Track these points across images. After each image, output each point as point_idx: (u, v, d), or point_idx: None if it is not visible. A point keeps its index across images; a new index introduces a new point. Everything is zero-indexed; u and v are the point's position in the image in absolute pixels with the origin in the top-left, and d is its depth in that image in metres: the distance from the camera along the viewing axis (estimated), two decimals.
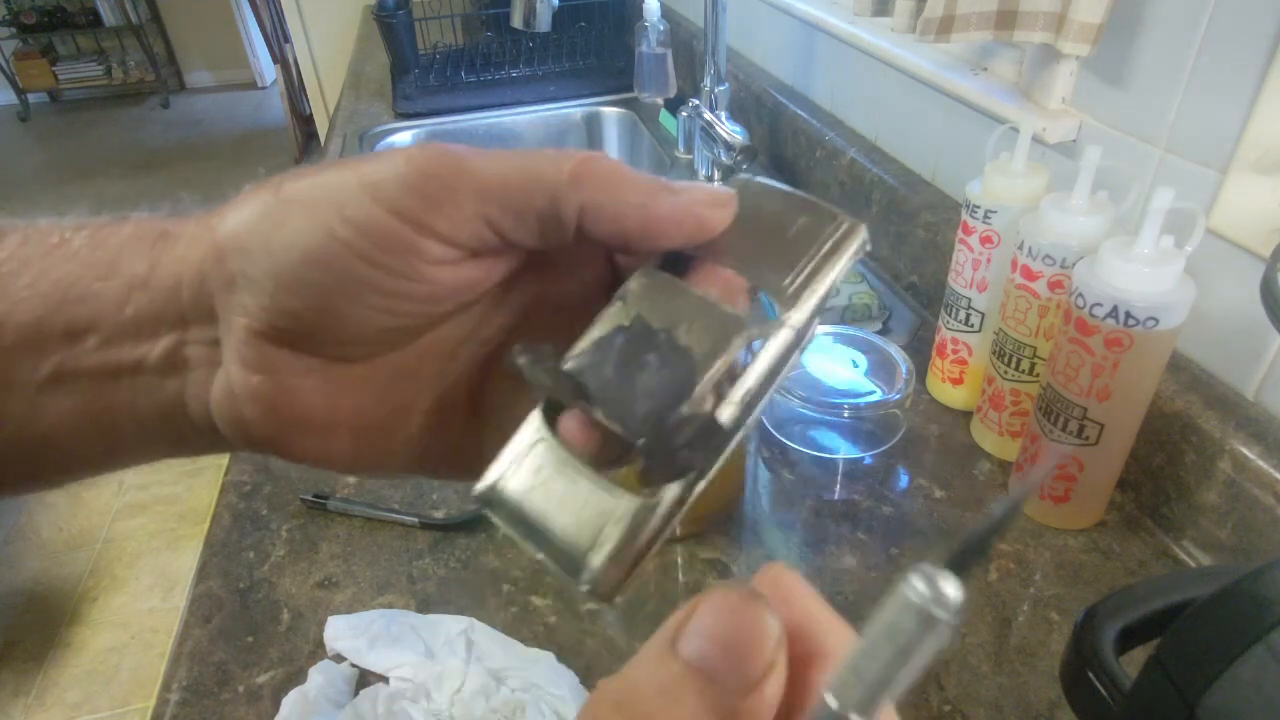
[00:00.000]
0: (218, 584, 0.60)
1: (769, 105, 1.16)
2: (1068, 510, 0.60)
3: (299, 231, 0.20)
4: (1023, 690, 0.50)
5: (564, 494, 0.20)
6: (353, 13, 2.34)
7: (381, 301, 0.21)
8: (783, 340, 0.20)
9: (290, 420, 0.22)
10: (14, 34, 4.61)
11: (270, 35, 3.68)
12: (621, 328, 0.21)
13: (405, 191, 0.20)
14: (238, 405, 0.21)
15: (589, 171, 0.20)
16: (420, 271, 0.21)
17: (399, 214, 0.20)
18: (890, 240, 0.90)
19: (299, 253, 0.20)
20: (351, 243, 0.20)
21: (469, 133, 1.43)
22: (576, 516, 0.20)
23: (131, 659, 1.75)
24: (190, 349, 0.22)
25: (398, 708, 0.49)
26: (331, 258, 0.20)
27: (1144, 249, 0.50)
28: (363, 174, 0.20)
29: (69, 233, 0.23)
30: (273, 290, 0.20)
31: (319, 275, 0.20)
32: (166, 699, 0.52)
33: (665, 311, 0.21)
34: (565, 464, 0.20)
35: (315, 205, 0.20)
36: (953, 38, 0.68)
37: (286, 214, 0.20)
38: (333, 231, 0.20)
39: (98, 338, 0.22)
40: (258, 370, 0.21)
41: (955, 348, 0.70)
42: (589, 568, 0.19)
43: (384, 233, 0.20)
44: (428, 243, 0.20)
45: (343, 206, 0.20)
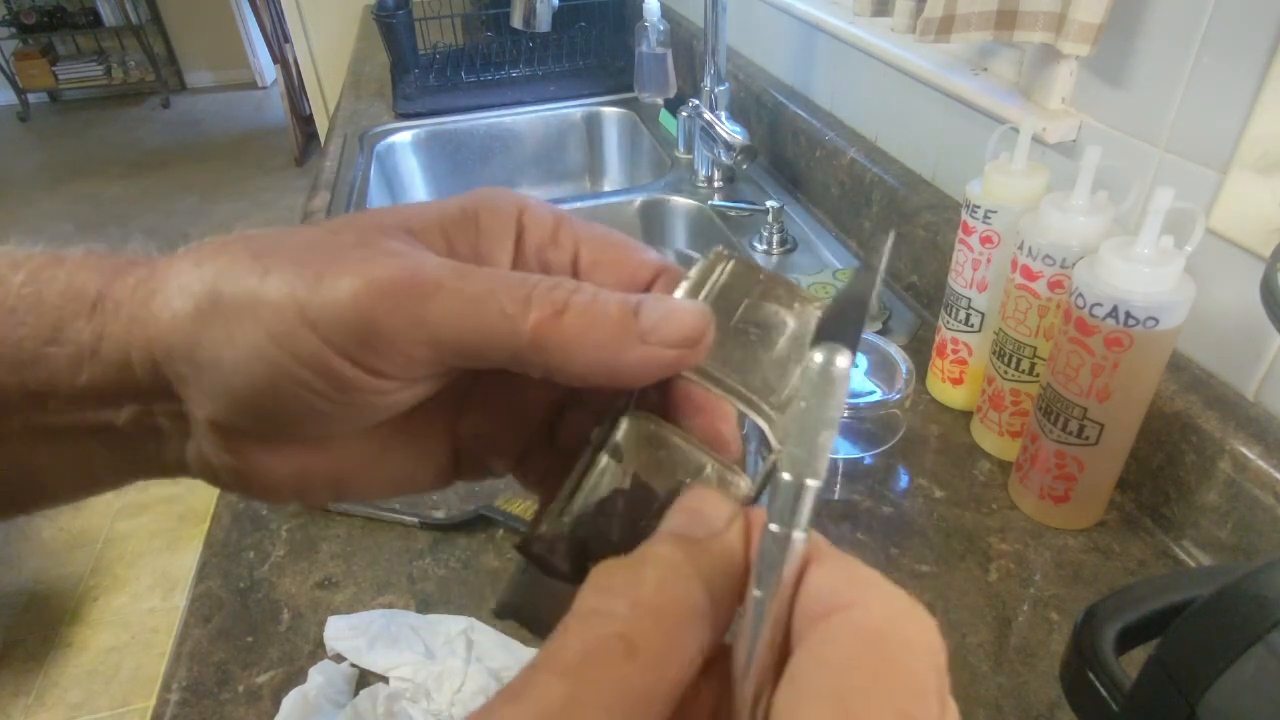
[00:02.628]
0: (218, 584, 0.60)
1: (769, 105, 1.16)
2: (1068, 510, 0.60)
3: (244, 360, 0.20)
4: (1023, 690, 0.50)
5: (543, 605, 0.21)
6: (353, 13, 2.34)
7: (334, 413, 0.21)
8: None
9: (264, 487, 0.22)
10: (14, 34, 4.60)
11: (270, 35, 3.68)
12: (621, 490, 0.21)
13: (349, 336, 0.19)
14: (214, 474, 0.22)
15: (549, 336, 0.19)
16: (370, 399, 0.20)
17: (345, 355, 0.19)
18: None
19: (245, 380, 0.20)
20: (298, 377, 0.19)
21: (469, 132, 1.43)
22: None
23: (132, 659, 1.75)
24: (159, 419, 0.22)
25: (398, 708, 0.49)
26: (279, 388, 0.20)
27: (1144, 249, 0.50)
28: (302, 298, 0.19)
29: (6, 272, 0.22)
30: (225, 406, 0.20)
31: (268, 402, 0.20)
32: (166, 699, 0.52)
33: (662, 469, 0.21)
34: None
35: (256, 332, 0.19)
36: (953, 38, 0.68)
37: (228, 333, 0.20)
38: (278, 365, 0.19)
39: (58, 401, 0.21)
40: (225, 451, 0.21)
41: (955, 348, 0.70)
42: None
43: (330, 372, 0.19)
44: (376, 381, 0.20)
45: (286, 340, 0.19)
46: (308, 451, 0.22)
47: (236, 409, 0.20)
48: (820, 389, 0.16)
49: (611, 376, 0.20)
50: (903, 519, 0.62)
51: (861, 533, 0.61)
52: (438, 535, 0.62)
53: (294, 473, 0.22)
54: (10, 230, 3.34)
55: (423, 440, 0.25)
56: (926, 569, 0.58)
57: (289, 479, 0.22)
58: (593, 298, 0.20)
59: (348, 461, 0.23)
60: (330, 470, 0.23)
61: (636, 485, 0.21)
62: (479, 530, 0.62)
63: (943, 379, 0.72)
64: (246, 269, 0.20)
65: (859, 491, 0.65)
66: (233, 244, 0.21)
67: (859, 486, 0.65)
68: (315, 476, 0.23)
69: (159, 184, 3.87)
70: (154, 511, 2.10)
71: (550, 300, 0.19)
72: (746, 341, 0.21)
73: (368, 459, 0.23)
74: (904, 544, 0.60)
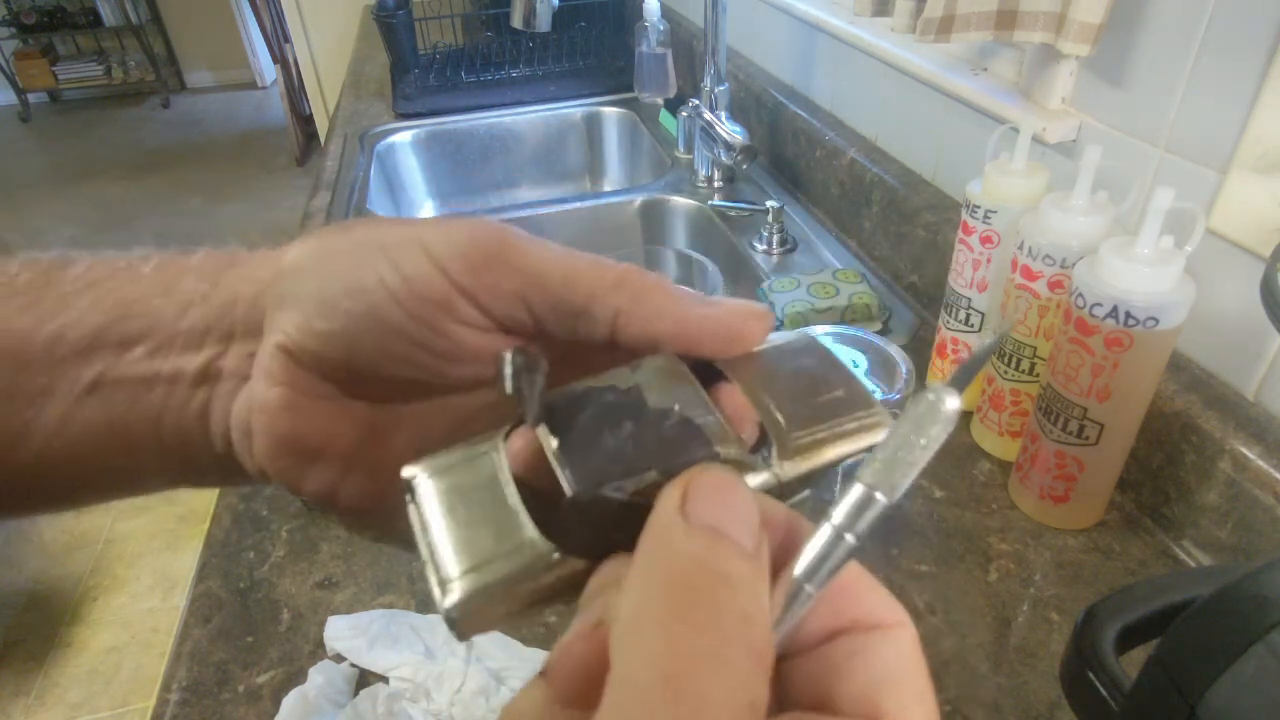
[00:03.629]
0: (218, 584, 0.60)
1: (769, 105, 1.16)
2: (1068, 510, 0.60)
3: (350, 266, 0.22)
4: (1023, 690, 0.50)
5: (477, 508, 0.19)
6: (353, 13, 2.34)
7: (403, 348, 0.22)
8: (760, 481, 0.20)
9: (284, 438, 0.22)
10: (14, 34, 4.60)
11: (270, 35, 3.68)
12: (616, 388, 0.21)
13: (456, 254, 0.21)
14: (250, 416, 0.22)
15: (630, 281, 0.21)
16: (446, 328, 0.22)
17: (445, 271, 0.21)
18: (890, 240, 0.90)
19: (342, 284, 0.22)
20: (393, 287, 0.21)
21: (469, 132, 1.43)
22: (473, 534, 0.19)
23: (132, 659, 1.75)
24: (228, 361, 0.23)
25: (398, 708, 0.49)
26: (370, 294, 0.21)
27: (1144, 249, 0.50)
28: (423, 232, 0.22)
29: (137, 260, 0.24)
30: (310, 312, 0.22)
31: (353, 306, 0.21)
32: (166, 699, 0.52)
33: (664, 395, 0.20)
34: (496, 481, 0.20)
35: (372, 249, 0.22)
36: (953, 38, 0.68)
37: (345, 249, 0.22)
38: (380, 274, 0.21)
39: (146, 347, 0.23)
40: (276, 382, 0.22)
41: (955, 348, 0.70)
42: (454, 590, 0.18)
43: (426, 283, 0.21)
44: (463, 303, 0.22)
45: (396, 256, 0.21)
46: (348, 408, 0.23)
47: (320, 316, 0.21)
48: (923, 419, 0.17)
49: (678, 334, 0.21)
50: (902, 519, 0.62)
51: None
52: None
53: (322, 430, 0.23)
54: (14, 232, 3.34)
55: None
56: (926, 569, 0.58)
57: (313, 436, 0.22)
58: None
59: (372, 445, 0.23)
60: (352, 446, 0.23)
61: (632, 390, 0.21)
62: None
63: (943, 379, 0.72)
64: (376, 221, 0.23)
65: None
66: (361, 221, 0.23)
67: None
68: (336, 445, 0.23)
69: (162, 185, 3.87)
70: (154, 511, 2.10)
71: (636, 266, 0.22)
72: (796, 384, 0.22)
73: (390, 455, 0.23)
74: (904, 544, 0.60)
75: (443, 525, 0.19)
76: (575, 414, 0.20)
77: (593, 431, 0.19)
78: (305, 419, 0.22)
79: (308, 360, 0.22)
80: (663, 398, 0.20)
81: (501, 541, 0.19)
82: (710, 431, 0.20)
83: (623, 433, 0.19)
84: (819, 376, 0.22)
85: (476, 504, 0.20)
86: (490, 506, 0.20)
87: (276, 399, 0.22)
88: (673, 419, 0.20)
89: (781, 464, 0.20)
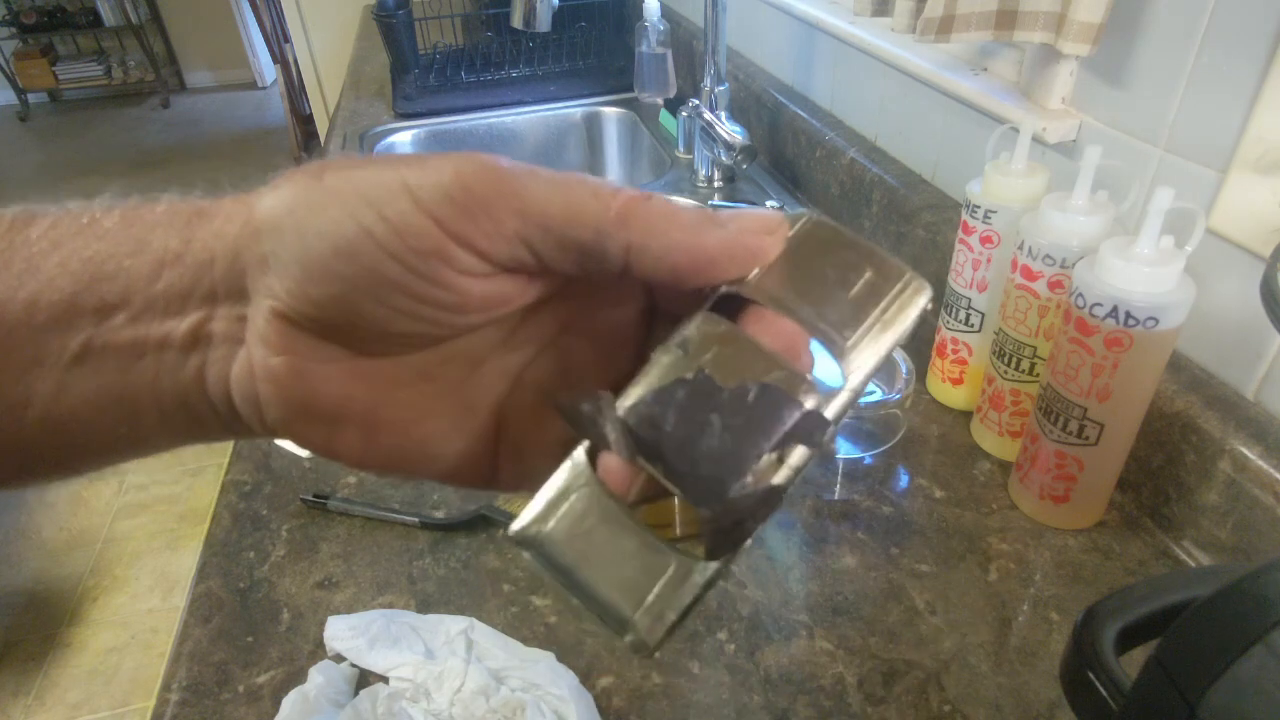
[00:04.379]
0: (218, 584, 0.60)
1: (769, 105, 1.16)
2: (1068, 510, 0.60)
3: (334, 221, 0.20)
4: (1023, 690, 0.50)
5: (609, 547, 0.20)
6: (353, 13, 2.34)
7: (405, 303, 0.20)
8: (841, 403, 0.20)
9: (301, 406, 0.21)
10: (14, 34, 4.60)
11: (270, 35, 3.68)
12: (683, 380, 0.20)
13: (445, 200, 0.20)
14: (255, 384, 0.21)
15: (636, 211, 0.20)
16: (449, 280, 0.20)
17: (437, 220, 0.20)
18: (890, 240, 0.90)
19: (329, 243, 0.20)
20: (384, 241, 0.20)
21: (469, 132, 1.43)
22: (623, 573, 0.19)
23: (131, 659, 1.75)
24: (216, 324, 0.22)
25: (398, 708, 0.49)
26: (361, 253, 0.20)
27: (1144, 249, 0.50)
28: (406, 175, 0.20)
29: (100, 213, 0.22)
30: (299, 276, 0.20)
31: (346, 268, 0.20)
32: (166, 699, 0.52)
33: (730, 367, 0.20)
34: (610, 514, 0.20)
35: (354, 198, 0.20)
36: (953, 38, 0.68)
37: (325, 202, 0.20)
38: (367, 227, 0.20)
39: (127, 313, 0.22)
40: (278, 352, 0.21)
41: (955, 348, 0.70)
42: (636, 627, 0.19)
43: (418, 235, 0.20)
44: (461, 252, 0.20)
45: (381, 204, 0.20)
46: (358, 368, 0.22)
47: (313, 282, 0.20)
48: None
49: (694, 263, 0.20)
50: (903, 519, 0.62)
51: (861, 532, 0.61)
52: (438, 535, 0.62)
53: (336, 395, 0.22)
54: None
55: (470, 398, 0.24)
56: (926, 569, 0.58)
57: (329, 403, 0.22)
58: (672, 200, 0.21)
59: (390, 401, 0.23)
60: (370, 405, 0.22)
61: (700, 378, 0.20)
62: (479, 530, 0.62)
63: (943, 379, 0.72)
64: (350, 163, 0.21)
65: (859, 491, 0.65)
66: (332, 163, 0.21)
67: (859, 486, 0.65)
68: (354, 406, 0.22)
69: (160, 184, 3.77)
70: (154, 511, 2.10)
71: (636, 191, 0.21)
72: (824, 281, 0.21)
73: (410, 406, 0.23)
74: (904, 544, 0.60)
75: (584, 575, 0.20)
76: (660, 428, 0.20)
77: (686, 441, 0.20)
78: (317, 384, 0.21)
79: (307, 324, 0.21)
80: (728, 372, 0.20)
81: (649, 570, 0.19)
82: (790, 386, 0.20)
83: (714, 429, 0.19)
84: (841, 263, 0.21)
85: (605, 543, 0.20)
86: (617, 541, 0.20)
87: (282, 367, 0.21)
88: (751, 392, 0.20)
89: (850, 377, 0.20)
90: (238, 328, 0.22)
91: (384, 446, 0.23)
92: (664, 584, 0.19)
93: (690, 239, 0.20)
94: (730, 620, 0.55)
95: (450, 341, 0.23)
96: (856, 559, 0.59)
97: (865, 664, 0.52)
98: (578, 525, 0.20)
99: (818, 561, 0.59)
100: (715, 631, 0.55)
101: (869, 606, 0.56)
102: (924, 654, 0.53)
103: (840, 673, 0.52)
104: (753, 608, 0.56)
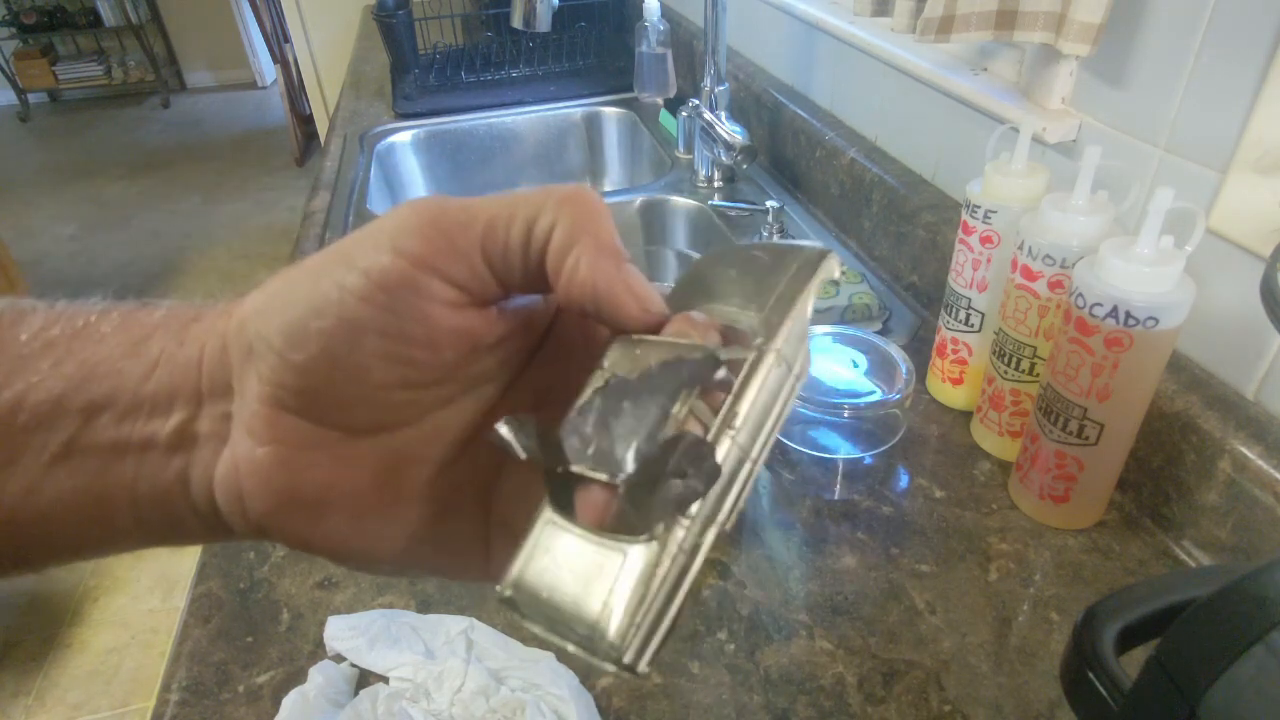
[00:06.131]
0: (218, 584, 0.60)
1: (769, 105, 1.16)
2: (1068, 510, 0.60)
3: (308, 288, 0.21)
4: (1023, 690, 0.50)
5: (571, 566, 0.19)
6: (353, 13, 2.34)
7: (383, 345, 0.21)
8: (768, 366, 0.20)
9: (286, 495, 0.21)
10: (14, 34, 4.61)
11: (270, 35, 3.68)
12: (598, 389, 0.21)
13: (404, 232, 0.21)
14: (239, 480, 0.21)
15: (572, 197, 0.21)
16: (420, 310, 0.21)
17: (399, 252, 0.20)
18: (890, 240, 0.90)
19: (307, 305, 0.20)
20: (355, 288, 0.20)
21: (469, 132, 1.43)
22: (584, 585, 0.19)
23: (132, 659, 1.75)
24: (202, 424, 0.22)
25: (398, 708, 0.49)
26: (334, 304, 0.20)
27: (1144, 249, 0.50)
28: (371, 227, 0.21)
29: (96, 317, 0.23)
30: (282, 346, 0.20)
31: (322, 323, 0.20)
32: (166, 699, 0.52)
33: (637, 362, 0.21)
34: (573, 538, 0.19)
35: (328, 264, 0.21)
36: (953, 38, 0.68)
37: (303, 275, 0.21)
38: (340, 281, 0.20)
39: (113, 413, 0.22)
40: (264, 441, 0.21)
41: (955, 348, 0.70)
42: (604, 638, 0.18)
43: (386, 273, 0.20)
44: (425, 279, 0.21)
45: (351, 257, 0.21)
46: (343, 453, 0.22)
47: (293, 347, 0.20)
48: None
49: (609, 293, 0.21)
50: (903, 519, 0.62)
51: (861, 533, 0.61)
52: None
53: (322, 480, 0.22)
54: (13, 232, 3.34)
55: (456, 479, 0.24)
56: (926, 569, 0.58)
57: (314, 490, 0.22)
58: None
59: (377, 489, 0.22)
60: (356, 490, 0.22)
61: (613, 380, 0.21)
62: None
63: (943, 379, 0.72)
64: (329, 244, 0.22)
65: (859, 491, 0.65)
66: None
67: (859, 486, 0.65)
68: (340, 492, 0.22)
69: (160, 184, 3.87)
70: None
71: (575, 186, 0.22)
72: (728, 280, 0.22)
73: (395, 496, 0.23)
74: (904, 544, 0.60)
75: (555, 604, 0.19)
76: (581, 431, 0.20)
77: (603, 430, 0.20)
78: (302, 471, 0.21)
79: (294, 404, 0.21)
80: (636, 362, 0.21)
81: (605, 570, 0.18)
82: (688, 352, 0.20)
83: (626, 412, 0.20)
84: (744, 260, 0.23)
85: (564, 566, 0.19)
86: (576, 557, 0.19)
87: (268, 458, 0.21)
88: (656, 369, 0.20)
89: (769, 339, 0.20)
90: (223, 426, 0.22)
91: (373, 533, 0.23)
92: (622, 579, 0.18)
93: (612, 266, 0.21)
94: (730, 620, 0.55)
95: (432, 415, 0.23)
96: (856, 559, 0.59)
97: (865, 664, 0.52)
98: (544, 559, 0.20)
99: (818, 561, 0.59)
100: (715, 631, 0.55)
101: (869, 606, 0.56)
102: (924, 654, 0.53)
103: (840, 673, 0.52)
104: (753, 608, 0.56)
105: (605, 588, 0.18)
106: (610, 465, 0.19)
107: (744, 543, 0.61)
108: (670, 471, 0.18)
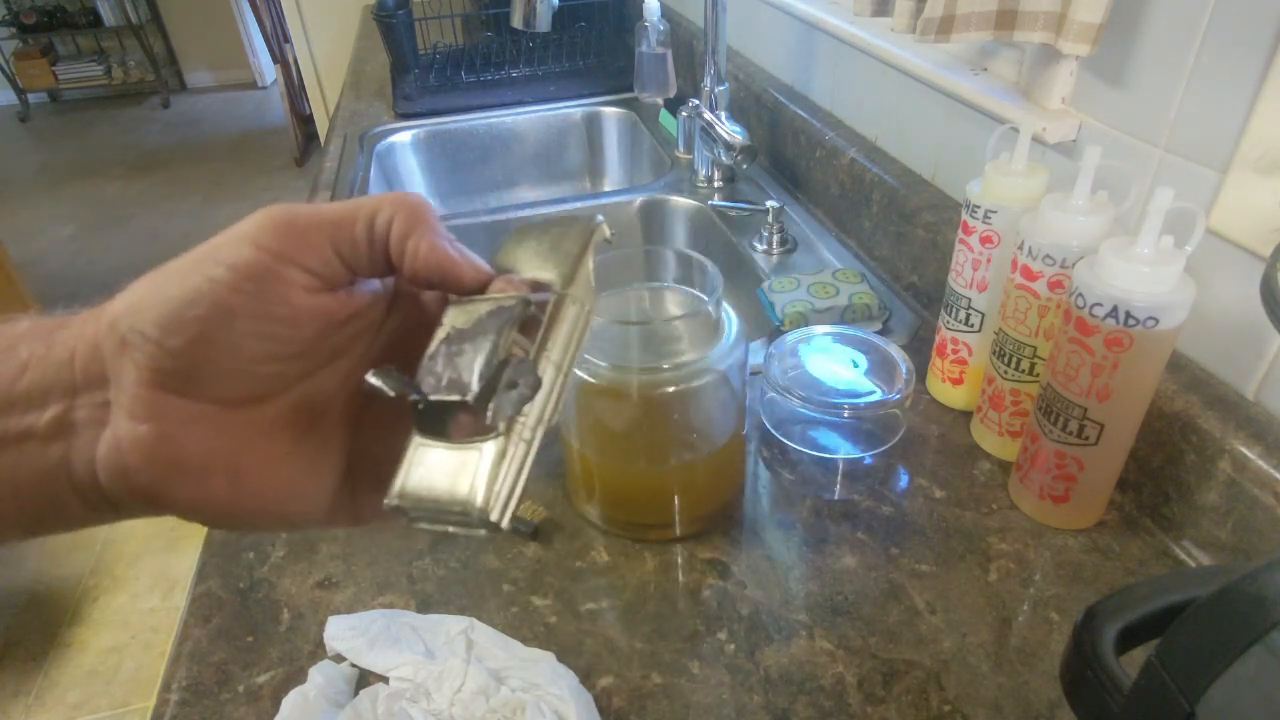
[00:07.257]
0: (218, 584, 0.60)
1: (769, 105, 1.16)
2: (1068, 510, 0.60)
3: (181, 282, 0.24)
4: (1023, 690, 0.50)
5: (442, 468, 0.25)
6: (353, 13, 2.34)
7: (251, 325, 0.24)
8: (566, 305, 0.27)
9: (168, 464, 0.24)
10: (14, 34, 4.61)
11: (270, 35, 3.68)
12: (442, 340, 0.26)
13: (263, 230, 0.25)
14: (122, 456, 0.24)
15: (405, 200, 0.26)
16: (282, 295, 0.25)
17: (260, 248, 0.24)
18: (890, 240, 0.90)
19: (178, 297, 0.24)
20: (224, 279, 0.24)
21: (469, 132, 1.43)
22: (453, 478, 0.24)
23: (131, 659, 1.75)
24: (78, 413, 0.24)
25: (397, 708, 0.49)
26: (206, 294, 0.24)
27: (1144, 249, 0.50)
28: (231, 233, 0.25)
29: None
30: (158, 335, 0.23)
31: (198, 311, 0.23)
32: (166, 699, 0.52)
33: (468, 317, 0.27)
34: (440, 449, 0.25)
35: (193, 264, 0.24)
36: (953, 38, 0.68)
37: (171, 275, 0.24)
38: (209, 275, 0.24)
39: None
40: (144, 420, 0.24)
41: (955, 348, 0.70)
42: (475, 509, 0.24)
43: (248, 265, 0.24)
44: (285, 268, 0.25)
45: (218, 254, 0.24)
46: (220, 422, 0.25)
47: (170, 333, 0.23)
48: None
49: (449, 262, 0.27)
50: (903, 519, 0.62)
51: (861, 533, 0.61)
52: (438, 535, 0.62)
53: (202, 449, 0.24)
54: (13, 232, 3.34)
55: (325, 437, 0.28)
56: (926, 569, 0.58)
57: (196, 457, 0.24)
58: None
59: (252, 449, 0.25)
60: (234, 452, 0.25)
61: (452, 331, 0.26)
62: None
63: (943, 379, 0.72)
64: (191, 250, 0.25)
65: (859, 491, 0.65)
66: None
67: (859, 486, 0.65)
68: (219, 457, 0.25)
69: (160, 184, 3.87)
70: None
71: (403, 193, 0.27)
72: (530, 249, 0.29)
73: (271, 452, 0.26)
74: (904, 544, 0.60)
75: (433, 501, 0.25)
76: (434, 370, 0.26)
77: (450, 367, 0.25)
78: (183, 442, 0.24)
79: (172, 384, 0.24)
80: (469, 315, 0.27)
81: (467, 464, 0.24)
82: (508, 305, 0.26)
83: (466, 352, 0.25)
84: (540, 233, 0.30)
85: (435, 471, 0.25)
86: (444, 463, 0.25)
87: (149, 433, 0.23)
88: (484, 315, 0.26)
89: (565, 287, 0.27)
90: (101, 413, 0.24)
91: (251, 491, 0.26)
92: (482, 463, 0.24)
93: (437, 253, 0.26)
94: (730, 620, 0.55)
95: (299, 384, 0.27)
96: (856, 559, 0.59)
97: (865, 664, 0.52)
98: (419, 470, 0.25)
99: (818, 561, 0.59)
100: (715, 631, 0.55)
101: (869, 606, 0.56)
102: (924, 654, 0.53)
103: (840, 673, 0.52)
104: (753, 608, 0.56)
105: (470, 474, 0.24)
106: (460, 388, 0.25)
107: (744, 542, 0.61)
108: (505, 384, 0.25)
